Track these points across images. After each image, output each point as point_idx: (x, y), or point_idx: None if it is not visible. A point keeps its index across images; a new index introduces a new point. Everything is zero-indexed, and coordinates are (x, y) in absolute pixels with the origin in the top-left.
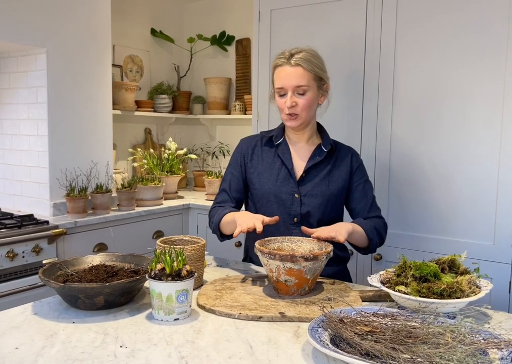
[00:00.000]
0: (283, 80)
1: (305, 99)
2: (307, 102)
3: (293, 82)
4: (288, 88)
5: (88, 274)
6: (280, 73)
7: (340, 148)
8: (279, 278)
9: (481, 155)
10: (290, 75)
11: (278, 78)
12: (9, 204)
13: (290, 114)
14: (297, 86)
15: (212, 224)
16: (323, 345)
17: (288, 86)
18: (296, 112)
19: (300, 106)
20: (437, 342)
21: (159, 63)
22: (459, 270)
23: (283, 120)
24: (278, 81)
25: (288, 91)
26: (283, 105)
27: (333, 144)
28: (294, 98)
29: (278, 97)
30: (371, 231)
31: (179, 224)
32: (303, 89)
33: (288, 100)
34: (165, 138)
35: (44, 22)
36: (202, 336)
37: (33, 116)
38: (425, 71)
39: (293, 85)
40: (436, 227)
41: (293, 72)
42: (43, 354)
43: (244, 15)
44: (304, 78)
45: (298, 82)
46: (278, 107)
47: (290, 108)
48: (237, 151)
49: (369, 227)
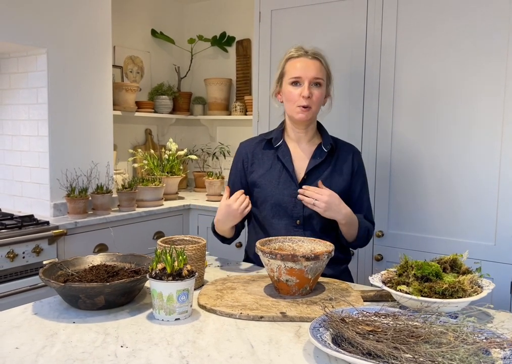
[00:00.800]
0: (300, 70)
1: (320, 92)
2: (321, 95)
3: (311, 73)
4: (305, 78)
5: (88, 274)
6: (297, 63)
7: (341, 146)
8: (281, 278)
9: (483, 154)
10: (309, 66)
11: (294, 68)
12: (10, 205)
13: (304, 105)
14: (315, 77)
15: (212, 231)
16: (325, 344)
17: (306, 76)
18: (310, 104)
19: (314, 99)
20: (439, 341)
21: (159, 64)
22: (461, 269)
23: (292, 113)
24: (294, 71)
25: (304, 81)
26: (296, 96)
27: (333, 143)
28: (310, 89)
29: (291, 88)
30: (364, 231)
31: (179, 224)
32: (319, 82)
33: (306, 90)
34: (165, 139)
35: (45, 22)
36: (203, 336)
37: (33, 117)
38: (426, 70)
39: (312, 76)
40: (437, 227)
41: (311, 63)
42: (43, 353)
43: (244, 16)
44: (322, 72)
45: (317, 74)
46: (288, 99)
47: (306, 99)
48: (236, 157)
49: (364, 227)
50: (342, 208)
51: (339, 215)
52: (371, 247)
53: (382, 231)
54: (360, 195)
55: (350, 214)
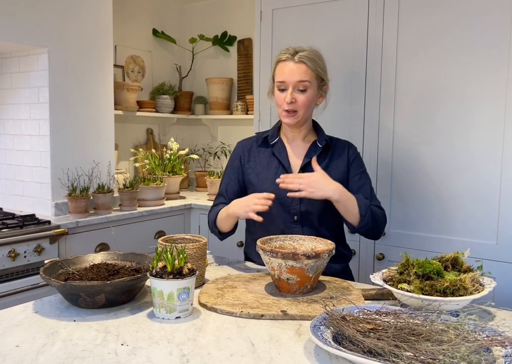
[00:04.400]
0: (285, 75)
1: (305, 96)
2: (307, 99)
3: (295, 77)
4: (289, 83)
5: (89, 273)
6: (283, 67)
7: (336, 143)
8: (281, 276)
9: (484, 154)
10: (293, 71)
11: (280, 73)
12: (11, 204)
13: (288, 110)
14: (299, 81)
15: (209, 223)
16: (325, 342)
17: (289, 81)
18: (295, 109)
19: (299, 103)
20: (440, 339)
21: (161, 63)
22: (462, 268)
23: (280, 116)
24: (280, 75)
25: (288, 86)
26: (282, 100)
27: (328, 140)
28: (294, 95)
29: (278, 92)
30: (365, 209)
31: (181, 224)
32: (304, 85)
33: (288, 96)
34: (167, 139)
35: (46, 22)
36: (203, 334)
37: (35, 116)
38: (427, 70)
39: (295, 80)
40: (439, 226)
41: (296, 68)
42: (44, 351)
43: (245, 16)
44: (307, 75)
45: (300, 77)
46: (276, 102)
47: (289, 104)
48: (233, 154)
49: (364, 204)
50: (330, 183)
51: (328, 191)
52: (373, 247)
53: (384, 231)
54: (360, 184)
55: (342, 189)
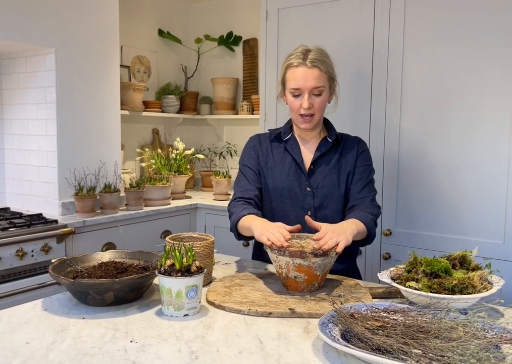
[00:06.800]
0: (299, 81)
1: (320, 99)
2: (322, 102)
3: (310, 83)
4: (305, 89)
5: (97, 271)
6: (296, 73)
7: (347, 138)
8: (289, 275)
9: (491, 153)
10: (307, 76)
11: (293, 79)
12: (19, 204)
13: (305, 115)
14: (315, 87)
15: (230, 222)
16: (334, 339)
17: (305, 87)
18: (312, 113)
19: (316, 107)
20: (449, 337)
21: (166, 64)
22: (470, 266)
23: (296, 121)
24: (293, 82)
25: (304, 92)
26: (298, 107)
27: (339, 135)
28: (310, 100)
29: (292, 98)
30: (371, 225)
31: (187, 223)
32: (319, 90)
33: (306, 102)
34: (172, 139)
35: (53, 22)
36: (212, 331)
37: (42, 116)
38: (433, 69)
39: (311, 86)
40: (445, 225)
41: (310, 73)
42: (53, 348)
43: (251, 16)
44: (321, 80)
45: (316, 83)
46: (291, 108)
47: (307, 109)
48: (248, 146)
49: (369, 221)
50: (340, 226)
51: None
52: (379, 246)
53: (390, 230)
54: (361, 175)
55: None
